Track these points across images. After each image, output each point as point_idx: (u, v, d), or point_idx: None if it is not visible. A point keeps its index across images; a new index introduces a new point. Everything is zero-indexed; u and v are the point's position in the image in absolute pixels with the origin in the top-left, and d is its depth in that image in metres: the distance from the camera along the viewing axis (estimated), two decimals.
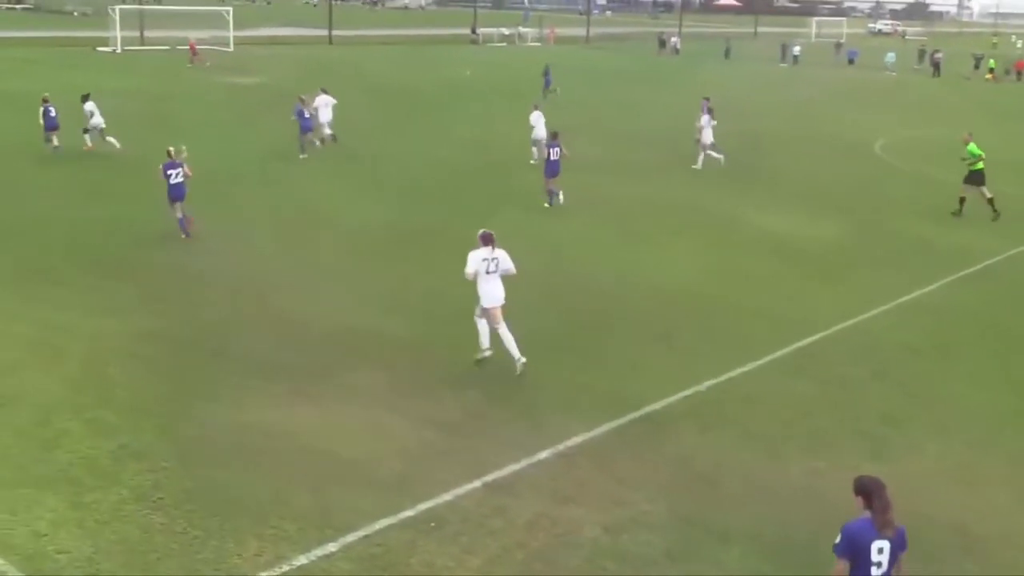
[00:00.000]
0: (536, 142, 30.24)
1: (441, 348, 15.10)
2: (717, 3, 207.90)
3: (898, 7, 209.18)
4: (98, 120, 29.83)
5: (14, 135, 31.98)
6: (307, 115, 30.92)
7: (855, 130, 42.30)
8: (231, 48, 70.69)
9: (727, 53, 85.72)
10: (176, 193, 20.25)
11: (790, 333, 16.34)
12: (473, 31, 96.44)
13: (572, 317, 16.89)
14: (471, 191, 26.77)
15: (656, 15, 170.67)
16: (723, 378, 14.38)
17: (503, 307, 14.34)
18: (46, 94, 30.40)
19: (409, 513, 10.39)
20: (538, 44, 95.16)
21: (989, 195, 25.70)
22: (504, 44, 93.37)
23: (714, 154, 31.13)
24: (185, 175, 20.35)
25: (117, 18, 68.35)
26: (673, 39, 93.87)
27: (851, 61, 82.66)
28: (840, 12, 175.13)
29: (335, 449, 11.70)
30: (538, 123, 30.42)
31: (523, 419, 12.79)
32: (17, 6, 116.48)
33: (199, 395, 13.07)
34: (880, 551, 7.23)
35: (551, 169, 25.22)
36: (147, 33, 73.59)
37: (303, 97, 31.62)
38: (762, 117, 44.70)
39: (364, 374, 13.98)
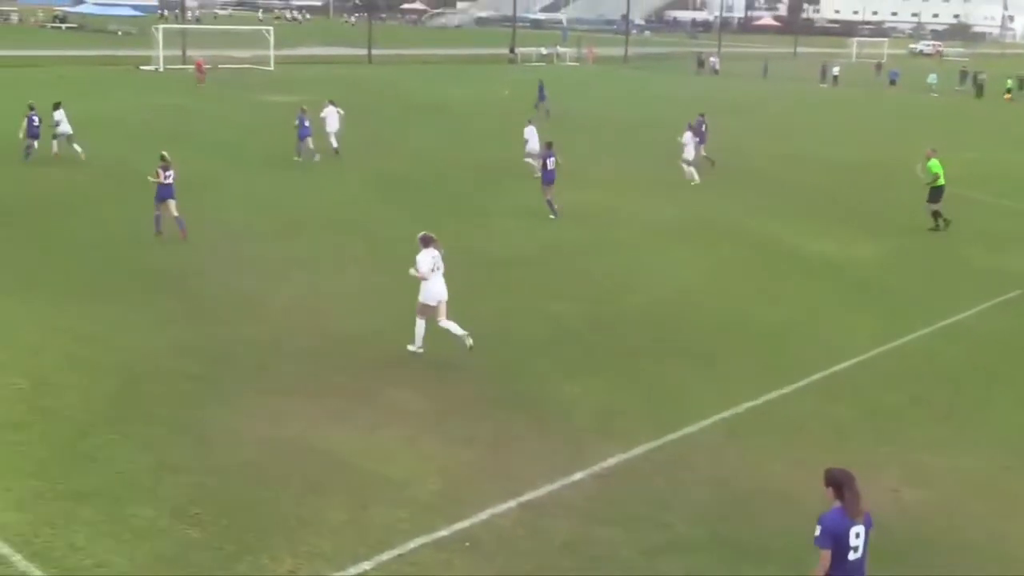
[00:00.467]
0: (530, 155, 30.99)
1: (477, 369, 15.08)
2: (756, 23, 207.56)
3: (939, 28, 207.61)
4: (65, 128, 30.97)
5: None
6: (307, 124, 32.65)
7: (895, 151, 41.89)
8: (271, 67, 71.31)
9: (765, 72, 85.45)
10: (165, 192, 21.83)
11: (828, 357, 16.19)
12: (511, 50, 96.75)
13: (609, 338, 16.83)
14: (482, 206, 26.72)
15: (695, 35, 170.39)
16: (761, 400, 14.27)
17: (446, 303, 15.28)
18: (32, 102, 31.31)
19: (444, 532, 10.37)
20: (576, 64, 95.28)
21: (936, 208, 25.68)
22: (543, 63, 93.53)
23: (690, 169, 31.28)
24: (174, 176, 21.86)
25: (160, 37, 69.20)
26: (712, 59, 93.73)
27: (893, 82, 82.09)
28: (880, 32, 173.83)
29: (371, 467, 11.70)
30: (532, 137, 31.15)
31: (559, 440, 12.75)
32: (63, 25, 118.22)
33: (238, 411, 13.12)
34: (857, 536, 7.70)
35: (547, 178, 25.81)
36: (189, 52, 74.39)
37: (304, 108, 33.34)
38: (800, 137, 44.48)
39: (401, 392, 13.99)
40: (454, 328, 15.29)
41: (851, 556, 7.68)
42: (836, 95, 73.29)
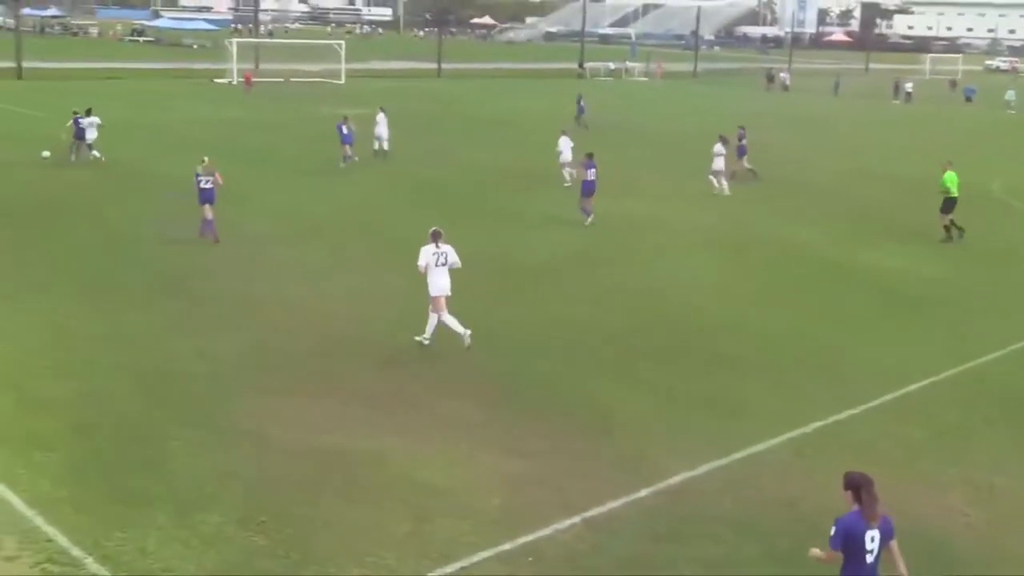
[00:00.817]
0: (564, 165, 31.75)
1: (533, 380, 15.09)
2: (828, 39, 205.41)
3: (1016, 43, 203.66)
4: (91, 134, 33.19)
5: (137, 161, 33.14)
6: (346, 131, 34.47)
7: (971, 169, 41.10)
8: (343, 81, 72.12)
9: (836, 89, 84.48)
10: (206, 196, 22.78)
11: (899, 377, 15.92)
12: (580, 65, 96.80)
13: (668, 353, 16.71)
14: (519, 212, 26.70)
15: (765, 50, 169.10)
16: (829, 420, 14.07)
17: (448, 297, 15.96)
18: (76, 109, 33.80)
19: (507, 546, 10.37)
20: (645, 79, 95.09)
21: (951, 218, 26.32)
22: (611, 79, 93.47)
23: (721, 183, 31.57)
24: (216, 183, 22.76)
25: (234, 51, 70.37)
26: (782, 74, 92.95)
27: (968, 99, 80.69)
28: (955, 49, 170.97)
29: (432, 479, 11.74)
30: (565, 148, 31.94)
31: (624, 456, 12.68)
32: (140, 38, 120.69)
33: (297, 422, 13.24)
34: (872, 539, 7.94)
35: (587, 188, 26.25)
36: (262, 65, 75.55)
37: (346, 116, 35.78)
38: (867, 153, 43.89)
39: (456, 403, 14.02)
40: (453, 324, 15.93)
41: (867, 559, 7.92)
42: (909, 111, 72.25)
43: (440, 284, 15.89)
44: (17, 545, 9.95)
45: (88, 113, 33.31)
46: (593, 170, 26.25)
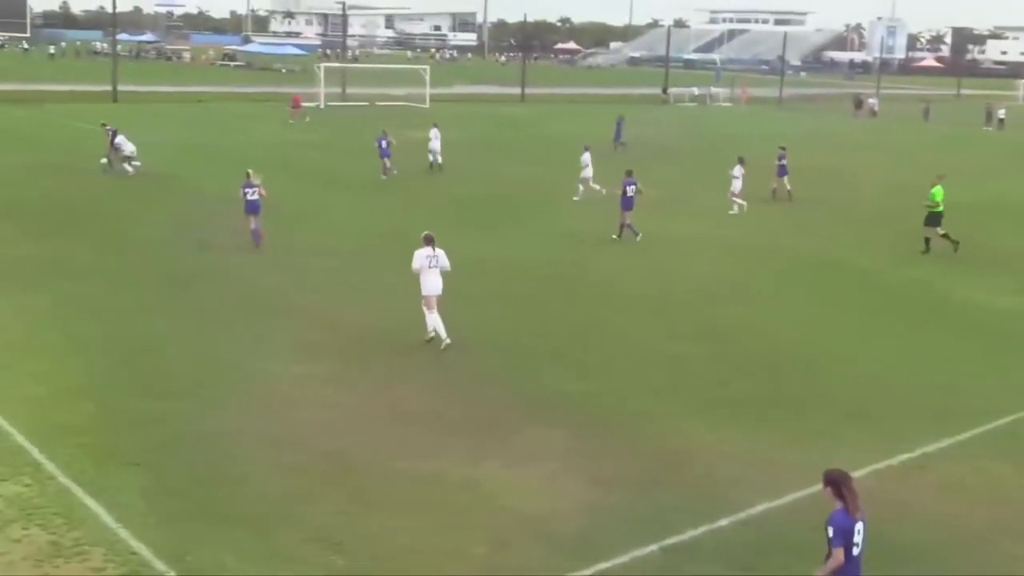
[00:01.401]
0: (583, 180, 33.64)
1: (618, 410, 14.99)
2: (917, 64, 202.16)
3: None
4: (129, 148, 36.55)
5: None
6: (384, 144, 37.37)
7: None
8: (427, 104, 72.87)
9: (926, 115, 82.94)
10: (251, 208, 24.32)
11: (989, 411, 15.49)
12: (664, 91, 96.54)
13: (748, 384, 16.47)
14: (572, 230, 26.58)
15: (852, 76, 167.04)
16: (917, 453, 13.74)
17: (438, 296, 17.38)
18: (104, 122, 38.47)
19: (585, 572, 10.31)
20: (729, 104, 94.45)
21: (942, 232, 27.01)
22: (695, 104, 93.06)
23: (739, 201, 32.35)
24: (260, 194, 24.34)
25: (321, 75, 71.63)
26: (870, 100, 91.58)
27: None
28: None
29: (513, 504, 11.72)
30: (588, 164, 33.73)
31: (704, 485, 12.53)
32: (231, 63, 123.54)
33: (382, 444, 13.32)
34: (858, 532, 8.37)
35: (626, 204, 27.15)
36: (349, 90, 76.71)
37: (386, 130, 38.57)
38: (961, 183, 42.92)
39: (543, 431, 13.97)
40: (439, 326, 17.29)
41: (854, 551, 8.33)
42: (1000, 138, 70.66)
43: (431, 284, 17.33)
44: (103, 557, 10.16)
45: (116, 133, 36.50)
46: (632, 186, 27.08)
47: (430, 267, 17.30)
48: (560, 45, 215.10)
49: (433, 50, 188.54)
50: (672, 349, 18.04)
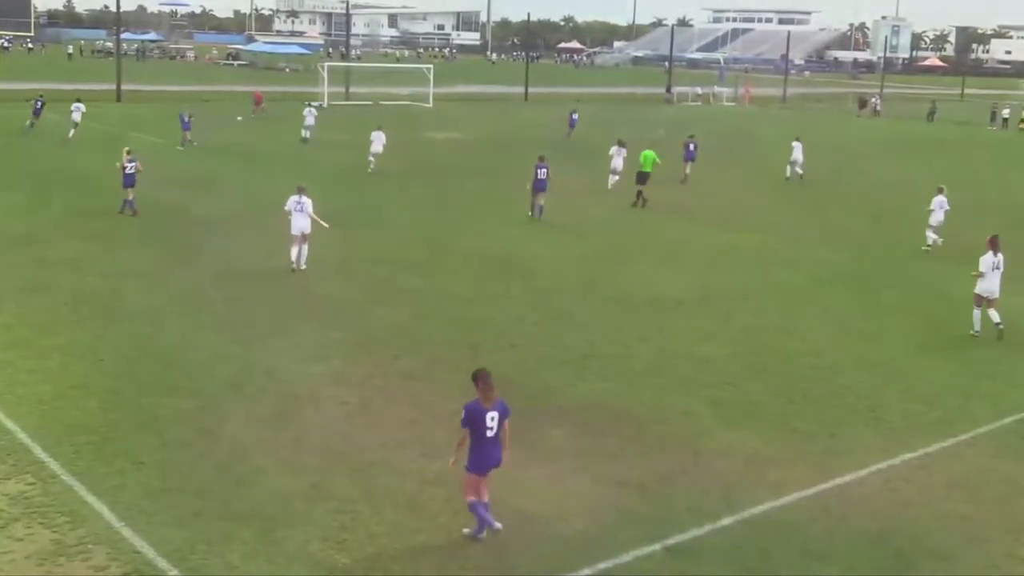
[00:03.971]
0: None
1: (630, 411, 14.94)
2: (921, 63, 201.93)
3: None
4: (76, 117, 43.57)
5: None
6: (187, 119, 43.73)
7: None
8: (430, 104, 72.90)
9: (931, 115, 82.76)
10: (128, 181, 27.54)
11: (995, 409, 15.48)
12: (668, 90, 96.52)
13: (763, 384, 16.43)
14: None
15: (856, 75, 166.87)
16: (920, 452, 13.72)
17: (305, 235, 21.80)
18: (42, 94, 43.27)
19: (587, 572, 10.30)
20: (733, 104, 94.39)
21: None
22: (699, 103, 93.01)
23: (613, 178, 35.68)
24: (137, 169, 27.46)
25: (325, 75, 71.61)
26: (873, 99, 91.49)
27: None
28: None
29: (519, 504, 11.68)
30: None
31: (709, 484, 12.50)
32: (235, 62, 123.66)
33: (391, 442, 13.30)
34: (492, 419, 10.49)
35: (538, 186, 29.65)
36: (352, 89, 76.74)
37: (191, 112, 44.73)
38: (970, 185, 42.89)
39: (552, 431, 13.93)
40: (303, 256, 21.99)
41: (487, 435, 10.45)
42: (1006, 137, 70.58)
43: (297, 224, 21.89)
44: (106, 556, 10.16)
45: (77, 100, 40.18)
46: (544, 170, 29.55)
47: (296, 211, 21.76)
48: (563, 44, 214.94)
49: (438, 50, 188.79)
50: (683, 348, 18.03)
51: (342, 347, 17.28)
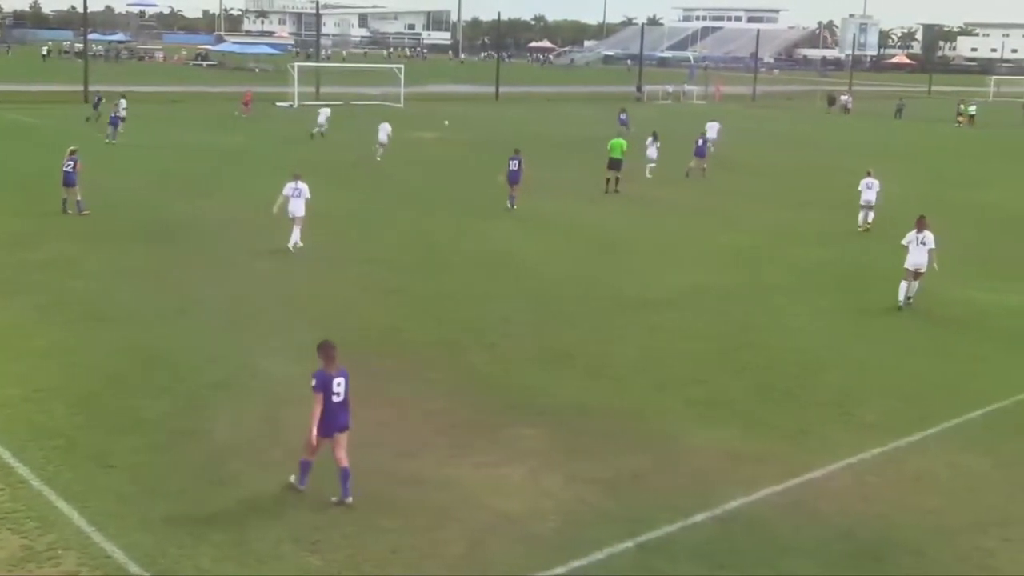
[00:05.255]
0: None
1: (608, 408, 14.99)
2: (889, 61, 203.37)
3: None
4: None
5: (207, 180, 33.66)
6: (115, 115, 45.60)
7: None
8: (401, 104, 72.71)
9: (899, 112, 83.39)
10: (67, 180, 27.41)
11: (962, 404, 15.64)
12: (638, 88, 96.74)
13: (739, 380, 16.53)
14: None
15: (825, 73, 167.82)
16: (890, 447, 13.84)
17: (301, 217, 23.64)
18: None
19: (560, 570, 10.32)
20: (703, 102, 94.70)
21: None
22: (669, 102, 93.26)
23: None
24: (75, 168, 27.30)
25: (295, 75, 71.27)
26: (843, 97, 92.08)
27: None
28: (1020, 71, 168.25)
29: (493, 503, 11.71)
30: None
31: (683, 482, 12.56)
32: (204, 63, 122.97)
33: (366, 443, 13.23)
34: (338, 384, 11.31)
35: (512, 178, 31.06)
36: (323, 89, 76.43)
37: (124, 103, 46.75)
38: (931, 181, 43.32)
39: (529, 431, 13.93)
40: (296, 236, 23.69)
41: (335, 399, 11.24)
42: (971, 135, 71.20)
43: (294, 207, 23.59)
44: (76, 561, 10.09)
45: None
46: (516, 162, 30.98)
47: (293, 196, 23.57)
48: (534, 44, 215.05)
49: (406, 49, 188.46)
50: (666, 347, 18.11)
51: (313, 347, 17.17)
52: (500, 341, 18.04)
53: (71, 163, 27.39)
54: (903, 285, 21.07)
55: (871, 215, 30.17)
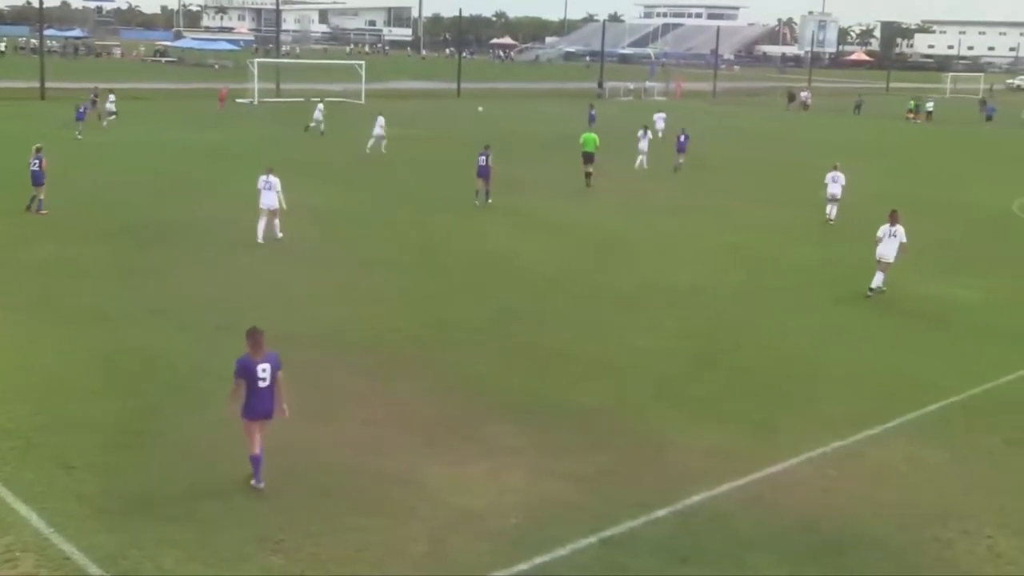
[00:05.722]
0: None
1: (579, 404, 15.03)
2: (848, 58, 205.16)
3: None
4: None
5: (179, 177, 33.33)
6: (82, 110, 45.84)
7: (990, 189, 41.13)
8: (363, 100, 72.42)
9: (857, 108, 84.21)
10: (34, 179, 27.15)
11: (920, 396, 15.83)
12: (599, 85, 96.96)
13: (718, 380, 16.59)
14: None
15: (784, 70, 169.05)
16: (849, 440, 13.98)
17: (273, 210, 24.33)
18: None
19: (523, 567, 10.34)
20: (664, 99, 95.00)
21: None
22: (630, 98, 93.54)
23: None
24: (41, 167, 26.99)
25: (255, 71, 70.85)
26: (803, 94, 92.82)
27: (989, 118, 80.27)
28: (976, 68, 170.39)
29: (458, 500, 11.70)
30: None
31: (645, 476, 12.62)
32: (163, 59, 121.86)
33: (335, 442, 13.21)
34: (263, 371, 11.33)
35: (481, 172, 31.48)
36: (283, 85, 75.99)
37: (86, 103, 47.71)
38: (888, 178, 43.77)
39: (496, 427, 13.92)
40: (272, 228, 24.40)
41: (260, 385, 11.31)
42: (927, 131, 72.02)
43: (266, 200, 24.31)
44: (35, 563, 9.98)
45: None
46: (484, 157, 31.38)
47: (264, 189, 24.28)
48: (496, 40, 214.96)
49: (366, 46, 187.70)
50: (637, 344, 18.17)
51: (300, 345, 17.05)
52: (480, 339, 18.04)
53: (36, 161, 27.13)
54: (878, 275, 21.79)
55: (835, 209, 30.66)
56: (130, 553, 10.24)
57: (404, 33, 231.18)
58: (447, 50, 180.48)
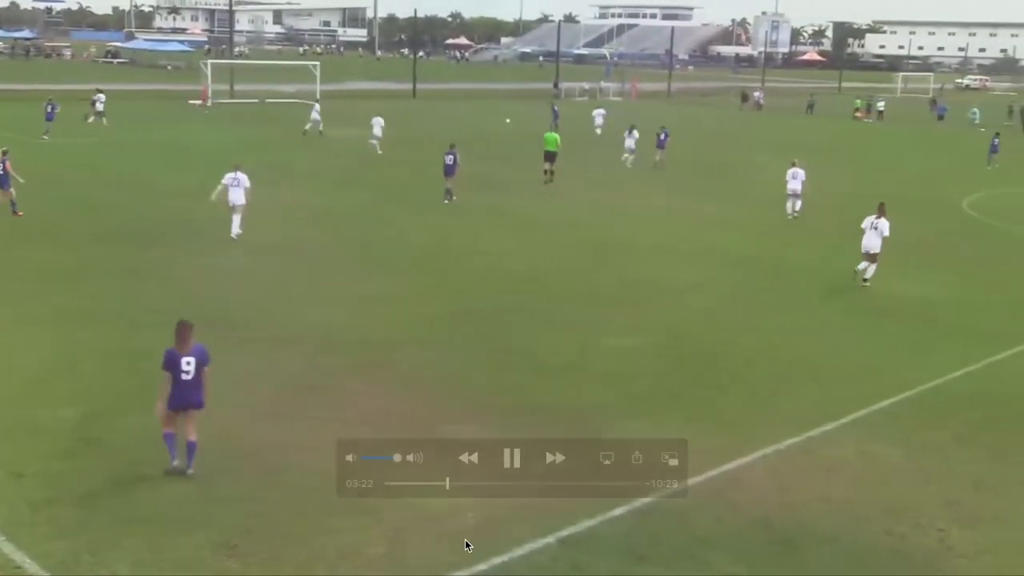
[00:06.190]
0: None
1: (544, 403, 15.02)
2: (800, 58, 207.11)
3: (987, 62, 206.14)
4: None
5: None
6: (50, 110, 45.98)
7: (941, 187, 41.68)
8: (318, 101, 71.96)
9: (810, 108, 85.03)
10: (1, 183, 27.10)
11: (871, 392, 16.00)
12: (555, 85, 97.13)
13: (684, 377, 16.67)
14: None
15: (738, 70, 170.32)
16: (802, 437, 14.11)
17: (238, 207, 24.56)
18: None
19: (482, 567, 10.34)
20: (619, 99, 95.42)
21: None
22: (586, 98, 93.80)
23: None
24: (6, 170, 27.04)
25: (208, 72, 70.30)
26: (756, 94, 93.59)
27: (941, 117, 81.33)
28: (926, 67, 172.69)
29: (415, 502, 11.64)
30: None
31: (604, 475, 12.58)
32: (114, 60, 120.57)
33: (299, 444, 13.07)
34: (188, 363, 11.61)
35: (447, 171, 31.92)
36: (237, 87, 75.43)
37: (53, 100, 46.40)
38: (844, 176, 44.21)
39: (451, 427, 13.86)
40: (240, 225, 24.63)
41: (184, 377, 11.59)
42: (878, 130, 72.84)
43: (233, 196, 24.60)
44: None
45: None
46: (451, 156, 31.79)
47: (232, 185, 24.56)
48: (451, 40, 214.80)
49: (323, 46, 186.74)
50: (606, 342, 18.22)
51: (263, 345, 16.94)
52: (447, 339, 18.02)
53: (1, 164, 27.06)
54: (862, 264, 22.75)
55: (799, 203, 31.35)
56: (83, 559, 10.12)
57: (359, 34, 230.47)
58: (402, 50, 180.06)
